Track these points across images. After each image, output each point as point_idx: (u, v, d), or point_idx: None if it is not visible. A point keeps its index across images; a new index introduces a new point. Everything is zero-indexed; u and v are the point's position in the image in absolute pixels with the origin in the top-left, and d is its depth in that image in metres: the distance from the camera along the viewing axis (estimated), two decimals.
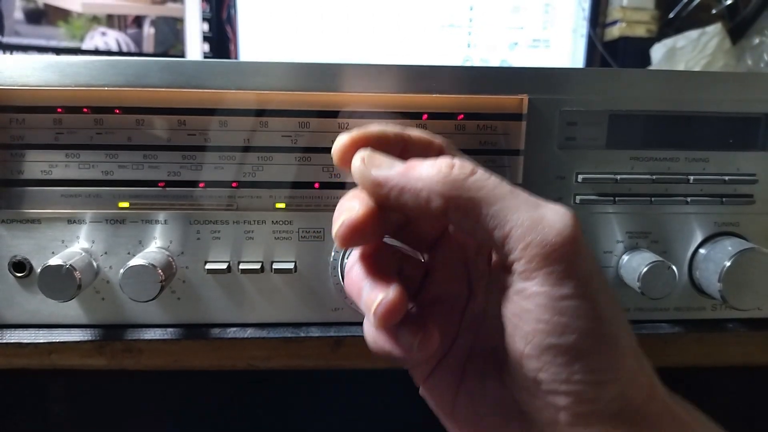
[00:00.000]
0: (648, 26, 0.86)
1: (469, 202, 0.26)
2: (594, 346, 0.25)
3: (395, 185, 0.27)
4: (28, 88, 0.38)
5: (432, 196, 0.26)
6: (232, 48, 0.83)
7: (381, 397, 0.65)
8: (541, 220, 0.25)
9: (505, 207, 0.26)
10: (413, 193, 0.27)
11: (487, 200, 0.26)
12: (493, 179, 0.27)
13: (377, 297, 0.27)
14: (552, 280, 0.25)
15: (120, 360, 0.41)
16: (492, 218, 0.26)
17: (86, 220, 0.40)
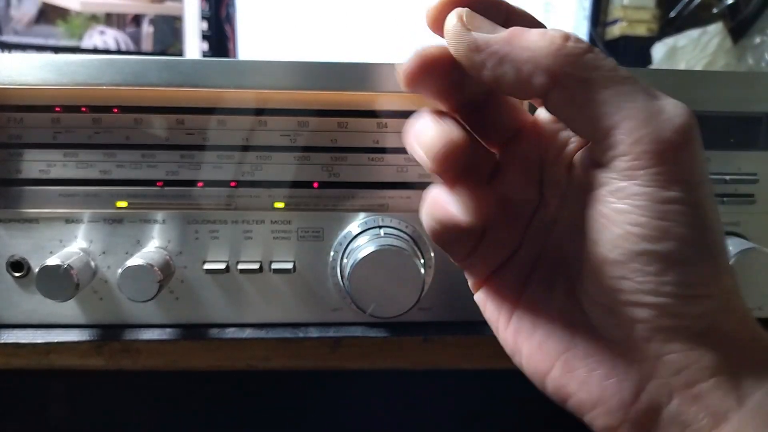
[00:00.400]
0: (649, 25, 0.86)
1: (580, 82, 0.23)
2: (693, 256, 0.23)
3: (495, 51, 0.24)
4: (26, 87, 0.38)
5: (537, 70, 0.23)
6: (231, 47, 0.83)
7: (380, 397, 0.65)
8: (659, 112, 0.23)
9: (620, 92, 0.23)
10: (516, 65, 0.23)
11: (601, 82, 0.23)
12: (610, 60, 0.23)
13: (439, 135, 0.25)
14: (660, 181, 0.22)
15: (118, 360, 0.40)
16: (603, 104, 0.23)
17: (84, 219, 0.40)
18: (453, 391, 0.67)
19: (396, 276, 0.37)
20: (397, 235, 0.39)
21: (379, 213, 0.41)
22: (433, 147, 0.26)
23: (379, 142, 0.40)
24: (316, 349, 0.41)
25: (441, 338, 0.42)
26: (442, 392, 0.66)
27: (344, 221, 0.40)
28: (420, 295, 0.38)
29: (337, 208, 0.41)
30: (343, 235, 0.40)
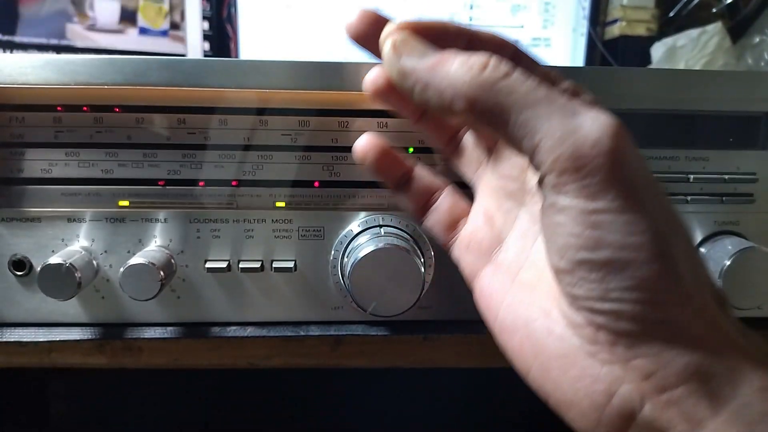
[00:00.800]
0: (648, 25, 0.86)
1: (495, 107, 0.24)
2: (635, 261, 0.23)
3: (419, 79, 0.25)
4: (28, 87, 0.38)
5: (456, 98, 0.24)
6: (233, 46, 0.83)
7: (380, 395, 0.65)
8: (575, 130, 0.23)
9: (536, 115, 0.23)
10: (437, 92, 0.25)
11: (516, 106, 0.24)
12: (529, 82, 0.24)
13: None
14: (585, 194, 0.23)
15: (120, 359, 0.41)
16: (520, 127, 0.24)
17: (86, 218, 0.40)
18: (452, 390, 0.67)
19: (396, 275, 0.37)
20: (397, 234, 0.39)
21: (380, 212, 0.41)
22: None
23: None
24: (316, 347, 0.41)
25: (441, 337, 0.42)
26: (442, 390, 0.67)
27: (345, 220, 0.41)
28: (420, 294, 0.38)
29: (338, 207, 0.41)
30: (343, 234, 0.40)
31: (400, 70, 0.26)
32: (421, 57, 0.26)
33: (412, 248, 0.38)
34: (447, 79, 0.25)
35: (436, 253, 0.41)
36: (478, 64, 0.24)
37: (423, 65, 0.26)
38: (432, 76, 0.25)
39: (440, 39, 0.27)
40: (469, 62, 0.25)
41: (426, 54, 0.26)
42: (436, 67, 0.25)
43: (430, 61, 0.26)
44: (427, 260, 0.40)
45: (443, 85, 0.25)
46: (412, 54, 0.26)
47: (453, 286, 0.42)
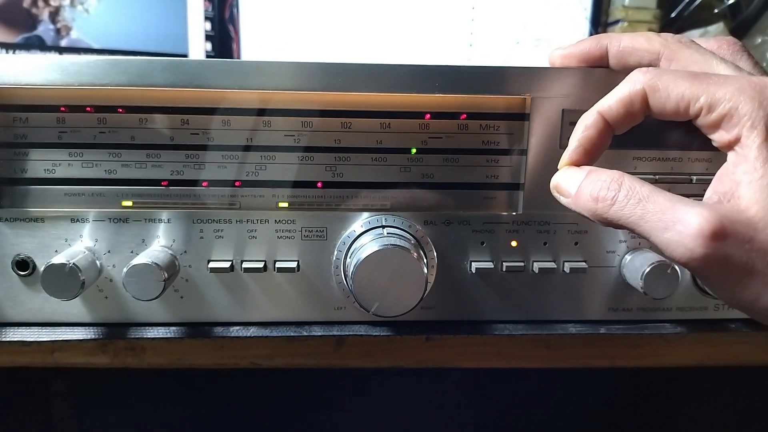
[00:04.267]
0: (650, 25, 0.86)
1: (618, 226, 0.31)
2: None
3: (570, 207, 0.34)
4: (32, 87, 0.38)
5: (593, 219, 0.32)
6: (235, 47, 0.83)
7: (383, 395, 0.65)
8: (667, 246, 0.28)
9: (641, 232, 0.30)
10: (579, 212, 0.33)
11: (628, 226, 0.30)
12: (627, 208, 0.30)
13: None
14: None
15: (123, 358, 0.41)
16: (639, 233, 0.30)
17: (89, 218, 0.40)
18: (455, 390, 0.67)
19: (399, 275, 0.37)
20: (400, 234, 0.39)
21: (383, 213, 0.41)
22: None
23: (382, 142, 0.41)
24: (319, 347, 0.41)
25: (443, 337, 0.42)
26: (444, 391, 0.67)
27: (348, 221, 0.41)
28: (423, 295, 0.38)
29: (341, 207, 0.41)
30: (346, 235, 0.40)
31: (563, 203, 0.34)
32: (568, 194, 0.33)
33: (415, 249, 0.38)
34: (580, 209, 0.33)
35: (439, 254, 0.41)
36: (593, 198, 0.31)
37: (570, 204, 0.33)
38: (577, 209, 0.33)
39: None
40: (590, 196, 0.32)
41: (569, 189, 0.33)
42: (577, 203, 0.33)
43: (571, 200, 0.33)
44: (429, 261, 0.40)
45: (584, 214, 0.33)
46: (563, 196, 0.34)
47: (456, 286, 0.42)
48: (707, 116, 0.30)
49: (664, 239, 0.28)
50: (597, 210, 0.31)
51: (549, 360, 0.43)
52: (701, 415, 0.66)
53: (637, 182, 0.30)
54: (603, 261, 0.42)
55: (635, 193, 0.30)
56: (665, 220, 0.28)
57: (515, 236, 0.42)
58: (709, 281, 0.29)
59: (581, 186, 0.32)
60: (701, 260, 0.27)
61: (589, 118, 0.33)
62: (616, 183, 0.31)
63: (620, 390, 0.68)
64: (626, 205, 0.30)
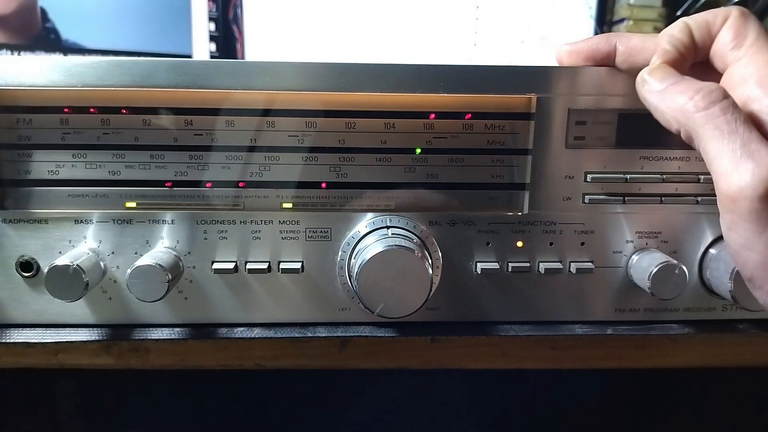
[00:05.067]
0: (655, 24, 0.85)
1: (689, 134, 0.30)
2: None
3: (651, 104, 0.33)
4: (35, 89, 0.38)
5: (669, 123, 0.32)
6: (239, 47, 0.83)
7: (387, 397, 0.65)
8: (731, 172, 0.28)
9: (711, 149, 0.29)
10: (661, 115, 0.32)
11: (703, 138, 0.29)
12: (720, 119, 0.29)
13: None
14: (728, 227, 0.29)
15: (127, 359, 0.41)
16: (703, 153, 0.30)
17: (93, 220, 0.40)
18: (459, 391, 0.67)
19: (404, 276, 0.37)
20: (404, 235, 0.39)
21: (387, 213, 0.41)
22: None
23: (386, 142, 0.40)
24: (324, 348, 0.41)
25: (448, 338, 0.42)
26: (450, 392, 0.66)
27: (352, 221, 0.41)
28: (428, 296, 0.38)
29: (345, 208, 0.41)
30: (351, 235, 0.40)
31: (642, 97, 0.34)
32: (658, 84, 0.32)
33: (420, 249, 0.38)
34: (666, 103, 0.32)
35: (444, 255, 0.41)
36: (689, 95, 0.30)
37: (654, 93, 0.32)
38: (659, 102, 0.32)
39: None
40: (687, 91, 0.31)
41: (663, 81, 0.32)
42: (664, 95, 0.32)
43: (661, 89, 0.32)
44: (434, 261, 0.40)
45: (664, 111, 0.32)
46: (652, 83, 0.33)
47: (461, 287, 0.42)
48: (743, 67, 0.32)
49: (735, 165, 0.27)
50: (686, 108, 0.30)
51: (555, 361, 0.43)
52: (709, 416, 0.66)
53: (737, 104, 0.30)
54: (610, 261, 0.42)
55: (735, 110, 0.29)
56: (750, 148, 0.27)
57: (521, 236, 0.41)
58: (750, 227, 0.27)
59: (677, 83, 0.31)
60: (758, 201, 0.27)
61: (675, 27, 0.34)
62: (720, 92, 0.30)
63: (626, 390, 0.68)
64: (722, 115, 0.29)
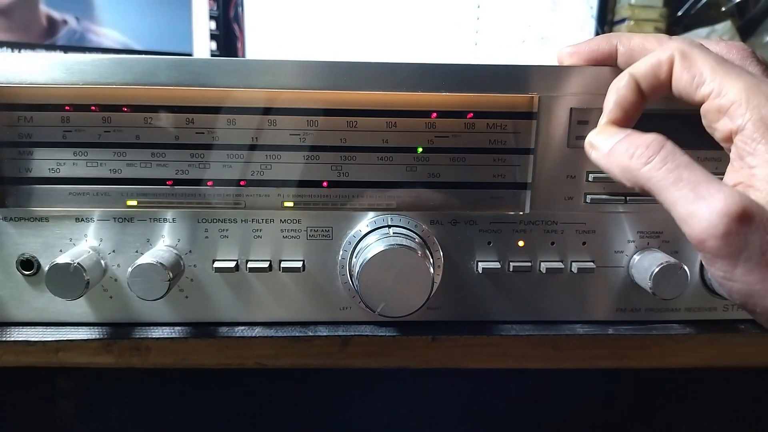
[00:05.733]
0: (656, 24, 0.85)
1: (644, 188, 0.31)
2: None
3: (601, 165, 0.33)
4: (36, 86, 0.38)
5: (620, 179, 0.32)
6: (240, 46, 0.83)
7: (388, 396, 0.65)
8: (690, 217, 0.28)
9: (667, 199, 0.29)
10: (611, 174, 0.33)
11: (655, 190, 0.30)
12: (662, 170, 0.29)
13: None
14: (709, 264, 0.29)
15: (128, 358, 0.41)
16: (663, 204, 0.30)
17: (94, 218, 0.40)
18: (461, 391, 0.67)
19: (405, 275, 0.37)
20: (406, 234, 0.39)
21: (388, 212, 0.40)
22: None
23: (388, 141, 0.40)
24: (324, 347, 0.41)
25: (450, 338, 0.42)
26: (450, 391, 0.66)
27: (353, 220, 0.40)
28: (429, 295, 0.38)
29: (346, 207, 0.41)
30: (352, 234, 0.40)
31: (593, 161, 0.34)
32: (604, 146, 0.33)
33: (421, 249, 0.38)
34: (612, 166, 0.32)
35: (445, 254, 0.41)
36: (628, 155, 0.31)
37: (602, 157, 0.33)
38: (608, 165, 0.33)
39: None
40: (626, 152, 0.31)
41: (607, 143, 0.33)
42: (610, 158, 0.33)
43: (606, 152, 0.33)
44: (435, 261, 0.40)
45: (615, 173, 0.32)
46: (599, 146, 0.34)
47: (462, 286, 0.42)
48: (714, 100, 0.30)
49: (690, 210, 0.28)
50: (630, 166, 0.31)
51: (556, 361, 0.43)
52: (709, 417, 0.66)
53: (678, 150, 0.30)
54: (611, 261, 0.42)
55: (675, 158, 0.29)
56: (697, 191, 0.28)
57: (522, 236, 0.41)
58: (722, 266, 0.28)
59: (619, 142, 0.32)
60: (721, 239, 0.27)
61: (621, 80, 0.34)
62: (657, 143, 0.30)
63: (627, 390, 0.68)
64: (662, 167, 0.29)
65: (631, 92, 0.34)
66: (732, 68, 0.31)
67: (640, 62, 0.34)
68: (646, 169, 0.30)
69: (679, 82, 0.32)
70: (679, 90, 0.32)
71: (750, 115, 0.29)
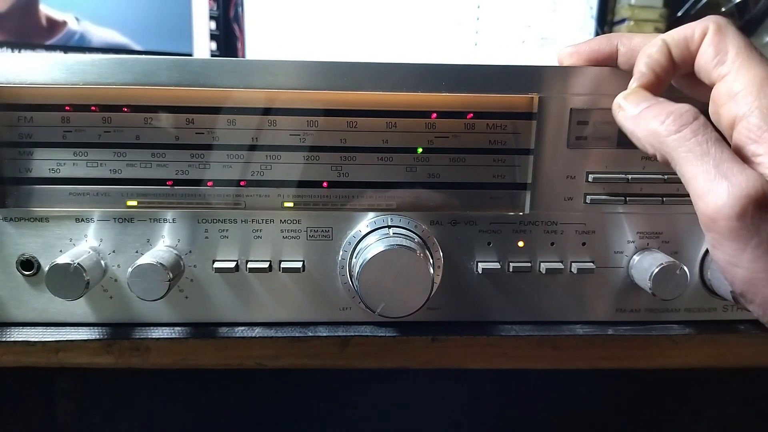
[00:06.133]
0: (656, 24, 0.85)
1: (666, 157, 0.30)
2: None
3: (626, 129, 0.33)
4: (36, 87, 0.38)
5: (644, 147, 0.32)
6: (240, 46, 0.83)
7: (388, 397, 0.65)
8: (707, 193, 0.28)
9: (686, 171, 0.29)
10: (636, 139, 0.33)
11: (677, 160, 0.30)
12: (691, 141, 0.29)
13: None
14: (713, 245, 0.29)
15: (128, 358, 0.41)
16: (680, 176, 0.30)
17: (94, 218, 0.40)
18: (460, 391, 0.67)
19: (405, 276, 0.37)
20: (406, 234, 0.39)
21: (388, 213, 0.40)
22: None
23: (388, 141, 0.40)
24: (324, 348, 0.41)
25: (449, 338, 0.42)
26: (450, 392, 0.66)
27: (353, 221, 0.40)
28: (429, 295, 0.38)
29: (346, 207, 0.41)
30: (352, 235, 0.40)
31: (618, 122, 0.34)
32: (633, 108, 0.33)
33: (421, 249, 0.38)
34: (639, 129, 0.32)
35: (445, 254, 0.41)
36: (660, 119, 0.31)
37: (629, 119, 0.33)
38: (634, 127, 0.33)
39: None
40: (658, 116, 0.31)
41: (637, 106, 0.33)
42: (638, 121, 0.32)
43: (635, 114, 0.33)
44: (435, 261, 0.40)
45: (640, 137, 0.32)
46: (627, 108, 0.33)
47: (462, 287, 0.42)
48: (728, 83, 0.31)
49: (710, 186, 0.28)
50: (658, 132, 0.30)
51: (556, 361, 0.43)
52: (709, 417, 0.66)
53: (710, 124, 0.30)
54: (611, 261, 0.42)
55: (707, 131, 0.29)
56: (722, 168, 0.28)
57: (522, 236, 0.41)
58: (730, 248, 0.28)
59: (650, 107, 0.32)
60: (736, 219, 0.27)
61: (653, 46, 0.34)
62: (691, 114, 0.30)
63: (627, 391, 0.68)
64: (692, 138, 0.29)
65: (663, 56, 0.34)
66: (755, 56, 0.31)
67: (674, 30, 0.34)
68: (675, 137, 0.30)
69: (703, 56, 0.32)
70: (700, 64, 0.32)
71: (759, 102, 0.29)
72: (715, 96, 0.32)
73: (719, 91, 0.31)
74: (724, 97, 0.31)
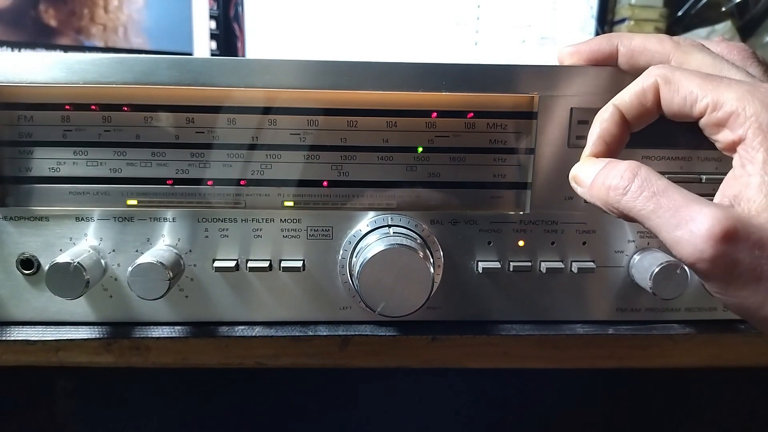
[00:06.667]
0: (656, 24, 0.85)
1: (630, 218, 0.30)
2: None
3: (584, 196, 0.34)
4: (36, 86, 0.38)
5: (606, 209, 0.32)
6: (240, 45, 0.83)
7: (388, 396, 0.65)
8: (677, 243, 0.28)
9: (652, 227, 0.29)
10: (595, 203, 0.33)
11: (639, 219, 0.30)
12: (640, 199, 0.29)
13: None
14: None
15: (128, 358, 0.41)
16: (653, 229, 0.30)
17: (94, 217, 0.40)
18: (460, 390, 0.67)
19: (405, 275, 0.37)
20: (406, 234, 0.39)
21: (389, 212, 0.40)
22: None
23: (388, 140, 0.40)
24: (324, 347, 0.41)
25: (449, 337, 0.42)
26: (450, 391, 0.66)
27: (353, 220, 0.40)
28: (429, 295, 0.38)
29: (347, 206, 0.41)
30: (352, 234, 0.40)
31: (579, 194, 0.35)
32: (586, 181, 0.33)
33: (421, 248, 0.38)
34: (594, 200, 0.33)
35: (445, 254, 0.41)
36: (606, 187, 0.31)
37: (585, 193, 0.34)
38: (591, 199, 0.33)
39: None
40: (603, 185, 0.31)
41: (588, 178, 0.33)
42: (592, 192, 0.33)
43: (588, 186, 0.33)
44: (436, 260, 0.40)
45: (601, 206, 0.32)
46: (581, 183, 0.34)
47: (462, 286, 0.42)
48: (712, 114, 0.30)
49: (674, 237, 0.28)
50: (609, 199, 0.31)
51: (556, 360, 0.43)
52: (709, 416, 0.66)
53: (654, 175, 0.30)
54: (611, 261, 0.42)
55: (650, 185, 0.29)
56: (678, 217, 0.28)
57: (522, 236, 0.41)
58: (715, 285, 0.28)
59: (598, 174, 0.32)
60: (709, 262, 0.27)
61: (605, 112, 0.34)
62: (630, 172, 0.30)
63: (627, 390, 0.68)
64: (639, 196, 0.29)
65: (614, 125, 0.33)
66: (719, 80, 0.30)
67: (623, 92, 0.33)
68: (625, 201, 0.30)
69: (672, 105, 0.32)
70: (673, 112, 0.32)
71: (749, 124, 0.28)
72: (705, 126, 0.31)
73: (707, 122, 0.31)
74: (714, 127, 0.30)
